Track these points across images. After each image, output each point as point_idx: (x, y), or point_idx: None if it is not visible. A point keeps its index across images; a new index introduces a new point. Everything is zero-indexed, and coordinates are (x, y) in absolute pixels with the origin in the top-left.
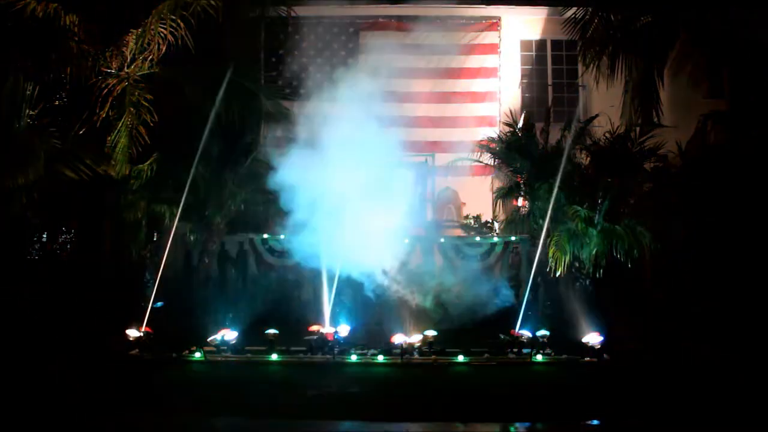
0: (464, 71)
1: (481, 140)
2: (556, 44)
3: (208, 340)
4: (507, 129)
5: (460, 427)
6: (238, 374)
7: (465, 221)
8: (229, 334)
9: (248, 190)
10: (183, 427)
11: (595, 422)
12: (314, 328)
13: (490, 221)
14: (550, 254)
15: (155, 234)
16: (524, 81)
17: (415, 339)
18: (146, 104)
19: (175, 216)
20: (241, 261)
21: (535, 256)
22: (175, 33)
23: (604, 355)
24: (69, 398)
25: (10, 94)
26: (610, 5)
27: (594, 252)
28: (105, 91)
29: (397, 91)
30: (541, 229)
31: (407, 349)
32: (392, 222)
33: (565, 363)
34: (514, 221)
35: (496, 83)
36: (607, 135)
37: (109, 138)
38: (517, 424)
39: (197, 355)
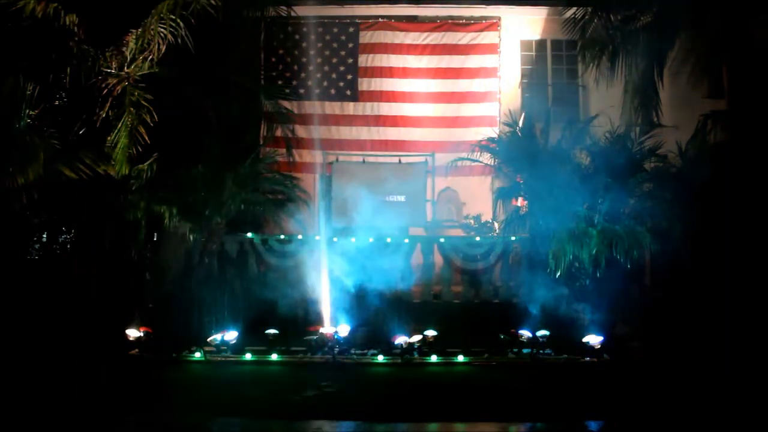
0: (464, 71)
1: (481, 140)
2: (556, 44)
3: (208, 340)
4: (507, 129)
5: (460, 427)
6: (238, 374)
7: (465, 221)
8: (229, 334)
9: (248, 190)
10: (183, 427)
11: (596, 422)
12: (314, 328)
13: (490, 221)
14: (550, 254)
15: (155, 234)
16: (524, 81)
17: (415, 339)
18: (146, 104)
19: (175, 216)
20: (241, 261)
21: (535, 256)
22: (175, 33)
23: (604, 355)
24: (69, 398)
25: (10, 94)
26: (610, 5)
27: (594, 252)
28: (105, 91)
29: (397, 91)
30: (541, 229)
31: (407, 349)
32: (392, 221)
33: (565, 363)
34: (514, 221)
35: (496, 83)
36: (607, 135)
37: (109, 138)
38: (517, 424)
39: (197, 355)
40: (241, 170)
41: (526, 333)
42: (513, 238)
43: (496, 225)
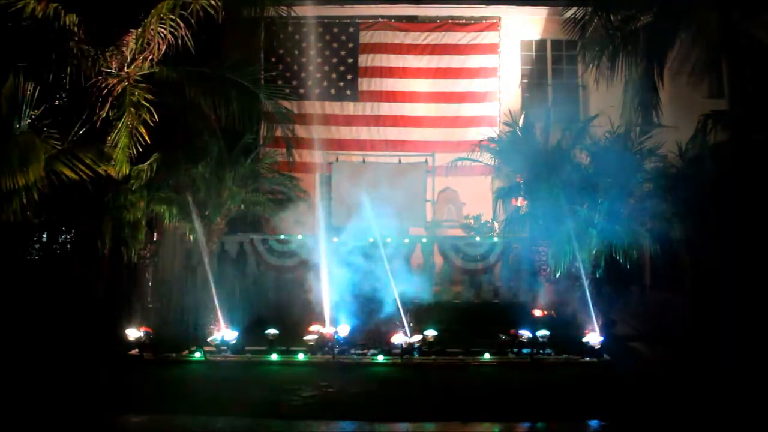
0: (464, 71)
1: (481, 140)
2: (556, 44)
3: (208, 340)
4: (507, 129)
5: (460, 427)
6: (238, 374)
7: (465, 221)
8: (229, 334)
9: (248, 190)
10: (183, 427)
11: (595, 422)
12: (314, 328)
13: (490, 221)
14: (550, 254)
15: (155, 234)
16: (524, 81)
17: (415, 339)
18: (146, 104)
19: (175, 216)
20: (241, 261)
21: (535, 256)
22: (175, 33)
23: (604, 355)
24: (68, 398)
25: (10, 94)
26: (610, 5)
27: (594, 252)
28: (105, 91)
29: (397, 91)
30: (541, 229)
31: (407, 349)
32: (392, 221)
33: (565, 363)
34: (514, 221)
35: (496, 83)
36: (607, 135)
37: (109, 138)
38: (517, 424)
39: (197, 355)
40: (241, 170)
41: (526, 333)
42: (513, 238)
43: (496, 225)
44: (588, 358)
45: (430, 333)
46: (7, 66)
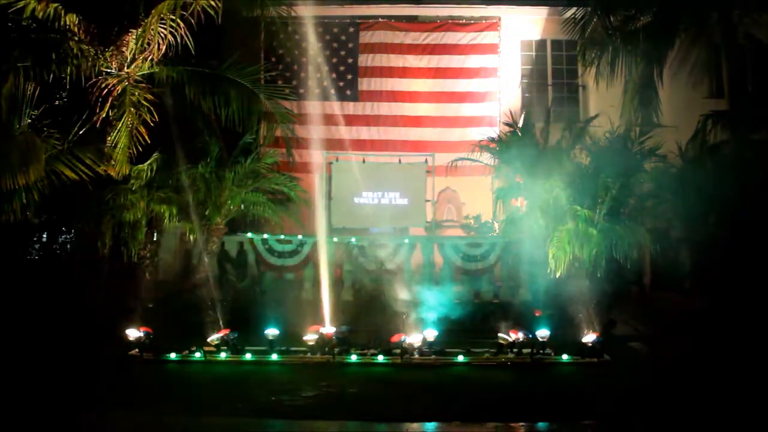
0: (464, 71)
1: (481, 140)
2: (556, 44)
3: (208, 340)
4: (507, 129)
5: (461, 427)
6: (238, 374)
7: (465, 221)
8: (229, 334)
9: (248, 190)
10: (183, 427)
11: (595, 422)
12: (314, 328)
13: (490, 221)
14: (550, 254)
15: (155, 234)
16: (524, 81)
17: (415, 339)
18: (146, 104)
19: (175, 216)
20: (241, 261)
21: (534, 257)
22: (175, 33)
23: (604, 355)
24: (68, 398)
25: (10, 94)
26: (610, 5)
27: (594, 252)
28: (105, 91)
29: (397, 90)
30: (541, 229)
31: (407, 349)
32: (392, 221)
33: (564, 363)
34: (514, 221)
35: (496, 83)
36: (607, 135)
37: (109, 138)
38: (517, 424)
39: (197, 355)
40: (241, 170)
41: (526, 333)
42: (513, 238)
43: (496, 225)
44: (588, 358)
45: (430, 333)
46: (7, 66)
